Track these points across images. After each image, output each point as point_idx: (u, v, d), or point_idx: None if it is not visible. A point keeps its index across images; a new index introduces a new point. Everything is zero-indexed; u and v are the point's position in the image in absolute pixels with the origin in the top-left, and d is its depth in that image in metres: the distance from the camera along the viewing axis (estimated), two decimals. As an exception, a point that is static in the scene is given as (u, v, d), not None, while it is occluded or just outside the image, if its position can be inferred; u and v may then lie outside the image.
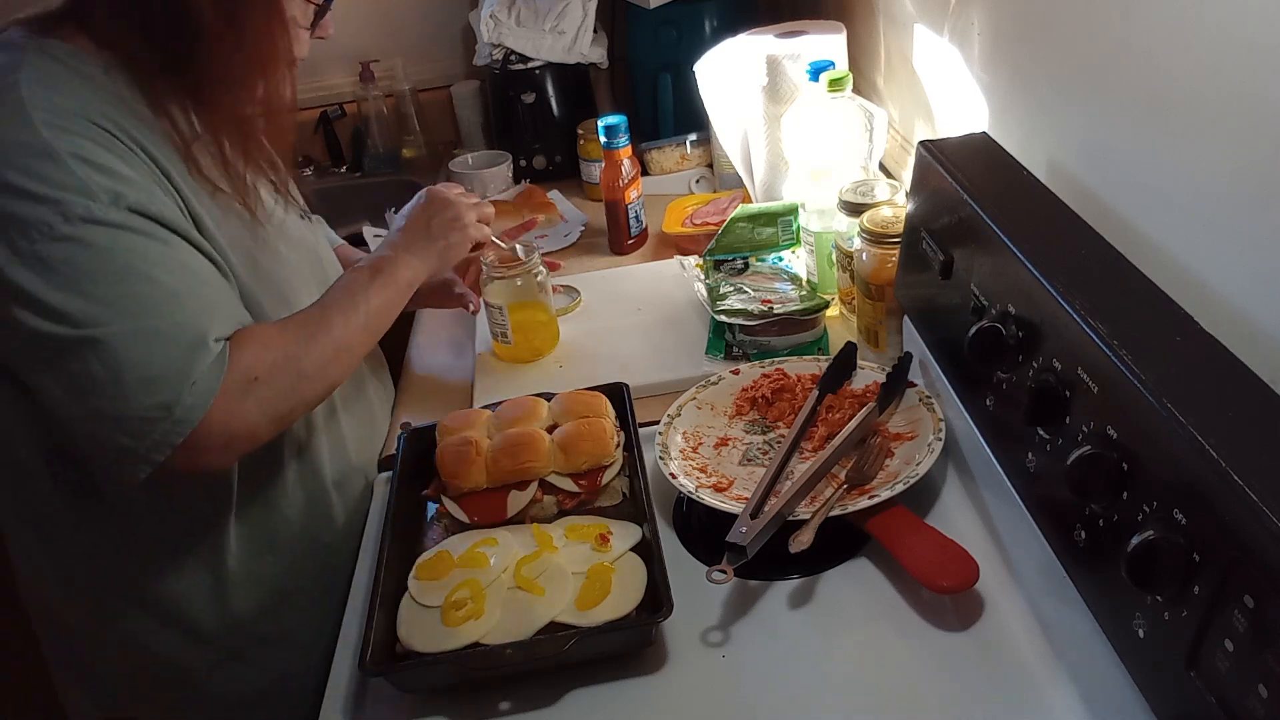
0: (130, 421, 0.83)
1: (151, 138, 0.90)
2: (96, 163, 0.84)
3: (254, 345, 0.90)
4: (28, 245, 0.81)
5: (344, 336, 0.97)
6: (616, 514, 0.98)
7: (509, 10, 1.87)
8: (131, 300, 0.83)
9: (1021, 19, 1.05)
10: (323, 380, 0.96)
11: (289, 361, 0.91)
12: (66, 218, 0.82)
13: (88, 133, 0.85)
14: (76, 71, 0.88)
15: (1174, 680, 0.61)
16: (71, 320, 0.82)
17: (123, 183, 0.85)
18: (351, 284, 1.00)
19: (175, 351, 0.84)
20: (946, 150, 1.00)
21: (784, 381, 1.11)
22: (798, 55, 1.39)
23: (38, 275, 0.81)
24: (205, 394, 0.85)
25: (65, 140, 0.83)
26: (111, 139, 0.86)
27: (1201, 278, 0.77)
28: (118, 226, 0.84)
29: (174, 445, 0.84)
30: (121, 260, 0.84)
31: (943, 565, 0.84)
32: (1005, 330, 0.81)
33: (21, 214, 0.81)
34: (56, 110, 0.84)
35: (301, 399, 0.94)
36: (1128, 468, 0.65)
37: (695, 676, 0.83)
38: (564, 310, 1.41)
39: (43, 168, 0.82)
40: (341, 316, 0.97)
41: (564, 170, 1.93)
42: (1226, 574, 0.56)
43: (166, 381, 0.83)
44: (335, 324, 0.96)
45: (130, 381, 0.82)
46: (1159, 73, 0.80)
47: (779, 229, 1.39)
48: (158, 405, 0.83)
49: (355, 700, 0.87)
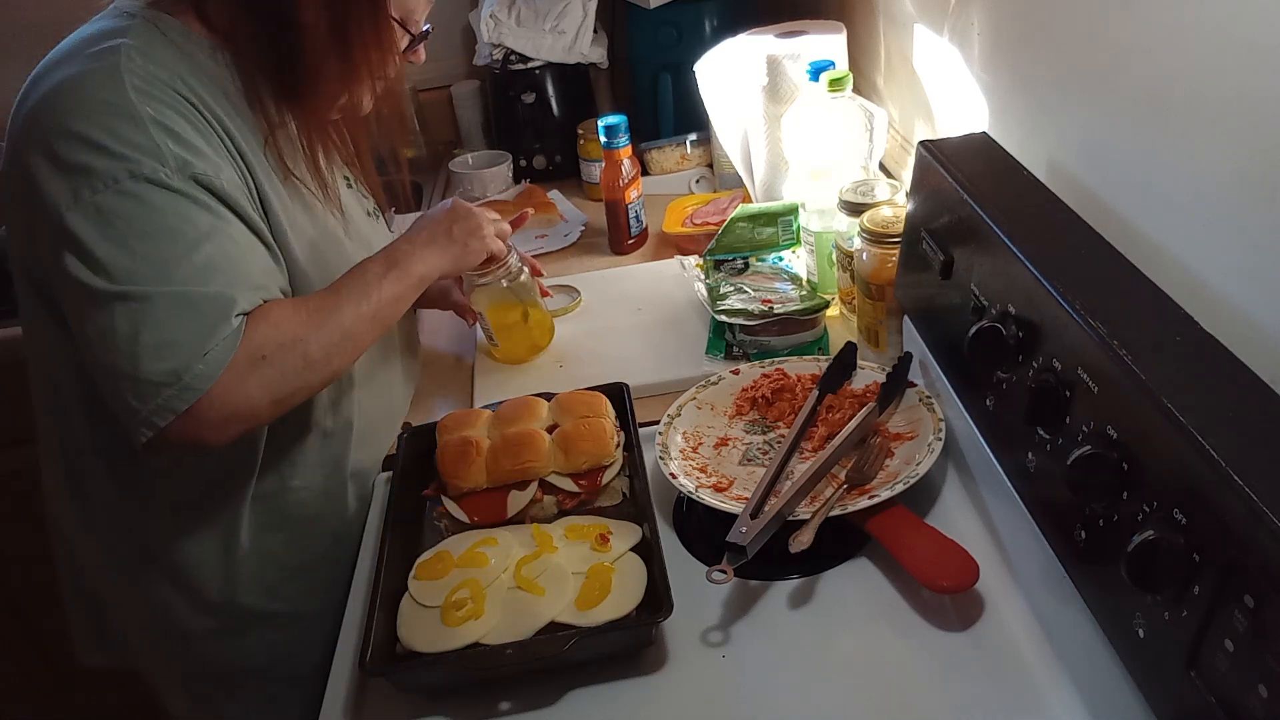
0: (139, 384, 0.85)
1: (235, 118, 0.94)
2: (174, 130, 0.88)
3: (265, 324, 0.90)
4: (89, 195, 0.85)
5: (353, 325, 0.97)
6: (616, 514, 0.98)
7: (509, 10, 1.87)
8: (172, 263, 0.86)
9: (1021, 19, 1.05)
10: (326, 366, 0.96)
11: (297, 344, 0.92)
12: (133, 175, 0.85)
13: (173, 102, 0.89)
14: (179, 48, 0.92)
15: (1174, 680, 0.61)
16: (110, 274, 0.85)
17: (194, 153, 0.89)
18: (365, 273, 1.01)
19: (200, 321, 0.86)
20: (946, 150, 1.00)
21: (784, 381, 1.11)
22: (798, 55, 1.39)
23: (93, 225, 0.85)
24: (216, 365, 0.86)
25: (150, 106, 0.87)
26: (195, 111, 0.91)
27: (1201, 278, 0.77)
28: (177, 192, 0.87)
29: (177, 412, 0.85)
30: (171, 222, 0.87)
31: (943, 565, 0.85)
32: (1005, 330, 0.81)
33: (94, 166, 0.85)
34: (149, 78, 0.88)
35: (304, 383, 0.95)
36: (1128, 468, 0.65)
37: (695, 676, 0.83)
38: (564, 310, 1.41)
39: (123, 127, 0.86)
40: (353, 305, 0.98)
41: (564, 170, 1.93)
42: (1226, 574, 0.56)
43: (182, 348, 0.85)
44: (346, 311, 0.97)
45: (146, 343, 0.84)
46: (1159, 73, 0.80)
47: (779, 229, 1.39)
48: (168, 371, 0.85)
49: (355, 700, 0.87)
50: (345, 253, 1.07)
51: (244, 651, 1.10)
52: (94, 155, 0.85)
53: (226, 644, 1.09)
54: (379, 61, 0.98)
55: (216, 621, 1.07)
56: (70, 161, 0.85)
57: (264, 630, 1.10)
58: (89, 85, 0.87)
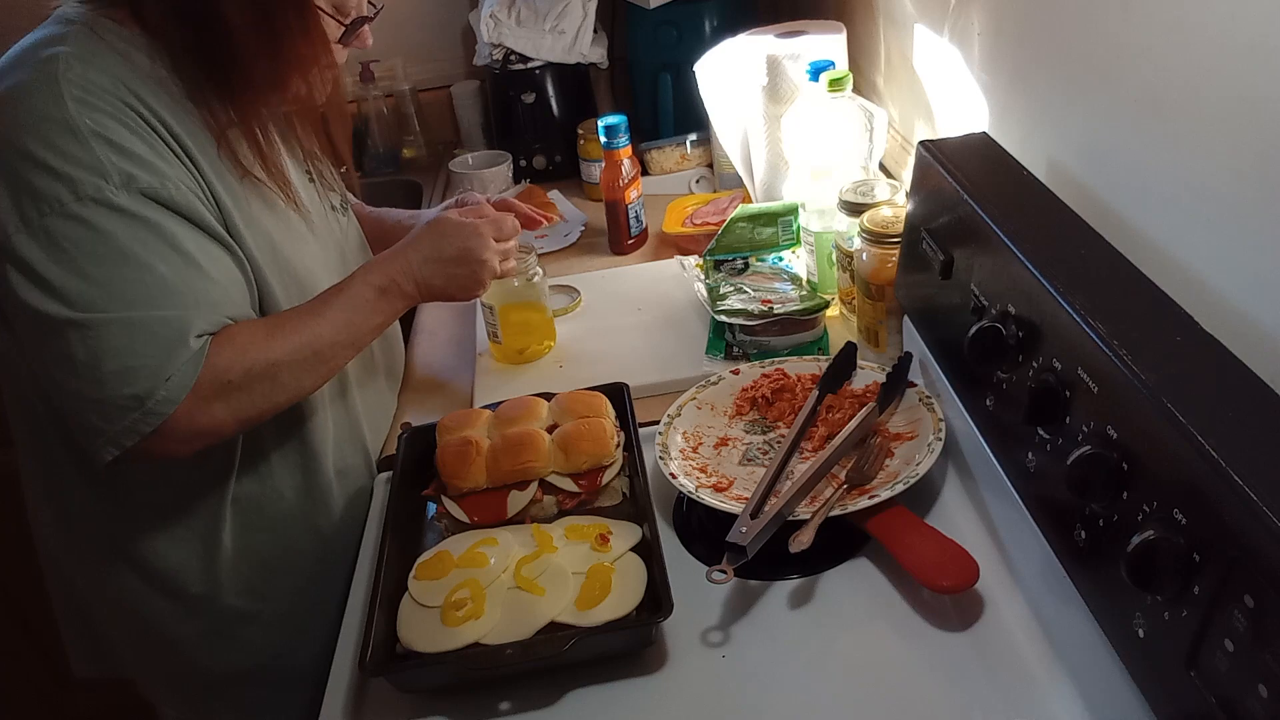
0: (103, 407, 0.85)
1: (185, 121, 0.93)
2: (117, 143, 0.86)
3: (232, 349, 0.90)
4: (37, 217, 0.84)
5: (329, 349, 0.97)
6: (616, 514, 0.98)
7: (509, 10, 1.87)
8: (124, 287, 0.85)
9: (1022, 19, 1.05)
10: (296, 390, 0.96)
11: (266, 368, 0.92)
12: (77, 195, 0.84)
13: (116, 112, 0.87)
14: (121, 53, 0.91)
15: (1174, 680, 0.61)
16: (65, 299, 0.84)
17: (139, 165, 0.87)
18: (352, 294, 1.00)
19: (156, 345, 0.86)
20: (946, 150, 1.00)
21: (784, 381, 1.11)
22: (798, 55, 1.39)
23: (42, 250, 0.84)
24: (178, 390, 0.86)
25: (91, 117, 0.86)
26: (139, 120, 0.89)
27: (1201, 278, 0.77)
28: (124, 211, 0.86)
29: (142, 434, 0.86)
30: (122, 245, 0.86)
31: (943, 565, 0.85)
32: (1005, 330, 0.81)
33: (37, 185, 0.84)
34: (90, 87, 0.87)
35: (272, 404, 0.95)
36: (1128, 468, 0.65)
37: (695, 676, 0.83)
38: (564, 310, 1.41)
39: (64, 142, 0.84)
40: (331, 328, 0.97)
41: (564, 170, 1.93)
42: (1226, 574, 0.56)
43: (143, 373, 0.85)
44: (324, 335, 0.96)
45: (108, 370, 0.85)
46: (1159, 73, 0.80)
47: (779, 229, 1.39)
48: (131, 396, 0.85)
49: (355, 700, 0.87)
50: (309, 250, 1.06)
51: (233, 654, 1.09)
52: (37, 174, 0.84)
53: (214, 647, 1.08)
54: (312, 54, 0.97)
55: (203, 625, 1.06)
56: (13, 180, 0.84)
57: (252, 631, 1.08)
58: (28, 98, 0.86)
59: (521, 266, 1.27)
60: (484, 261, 1.08)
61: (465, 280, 1.08)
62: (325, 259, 1.09)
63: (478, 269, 1.08)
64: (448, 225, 1.07)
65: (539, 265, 1.30)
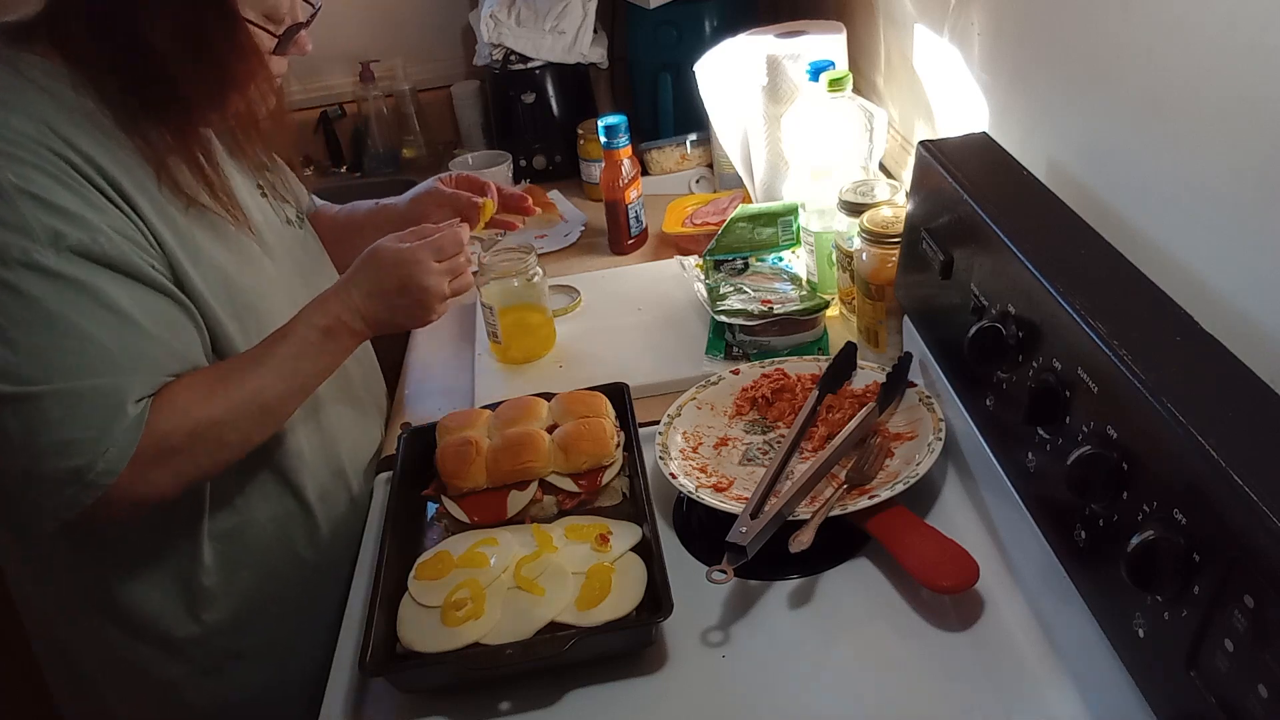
0: (41, 482, 0.83)
1: (120, 158, 0.88)
2: (43, 198, 0.82)
3: (173, 412, 0.87)
4: None
5: (275, 402, 0.93)
6: (616, 514, 0.98)
7: (509, 10, 1.87)
8: (56, 356, 0.82)
9: (1022, 19, 1.05)
10: (244, 445, 0.93)
11: (210, 428, 0.88)
12: (3, 260, 0.80)
13: (42, 163, 0.83)
14: (44, 89, 0.87)
15: (1174, 680, 0.61)
16: None
17: (68, 220, 0.83)
18: (293, 339, 0.94)
19: (94, 415, 0.83)
20: (946, 150, 1.00)
21: (784, 381, 1.11)
22: (798, 55, 1.39)
23: None
24: (118, 460, 0.83)
25: (15, 171, 0.81)
26: (68, 169, 0.84)
27: (1201, 278, 0.77)
28: (53, 273, 0.82)
29: (83, 505, 0.84)
30: (52, 311, 0.82)
31: (943, 565, 0.84)
32: (1005, 330, 0.81)
33: None
34: (12, 137, 0.83)
35: (218, 463, 0.92)
36: (1128, 468, 0.65)
37: (695, 676, 0.83)
38: (564, 310, 1.41)
39: None
40: (276, 378, 0.92)
41: (564, 170, 1.93)
42: (1226, 574, 0.56)
43: (81, 446, 0.82)
44: (268, 386, 0.92)
45: (45, 444, 0.82)
46: (1159, 73, 0.80)
47: (779, 229, 1.38)
48: (69, 470, 0.82)
49: (355, 700, 0.87)
50: (265, 273, 1.02)
51: (224, 690, 1.05)
52: None
53: (204, 686, 1.04)
54: (246, 68, 0.92)
55: (191, 666, 1.03)
56: None
57: (242, 666, 1.05)
58: None
59: (521, 266, 1.27)
60: (427, 289, 0.99)
61: (412, 309, 1.00)
62: (283, 279, 1.05)
63: (422, 296, 0.99)
64: (383, 256, 0.99)
65: (539, 265, 1.30)
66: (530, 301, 1.30)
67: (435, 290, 0.99)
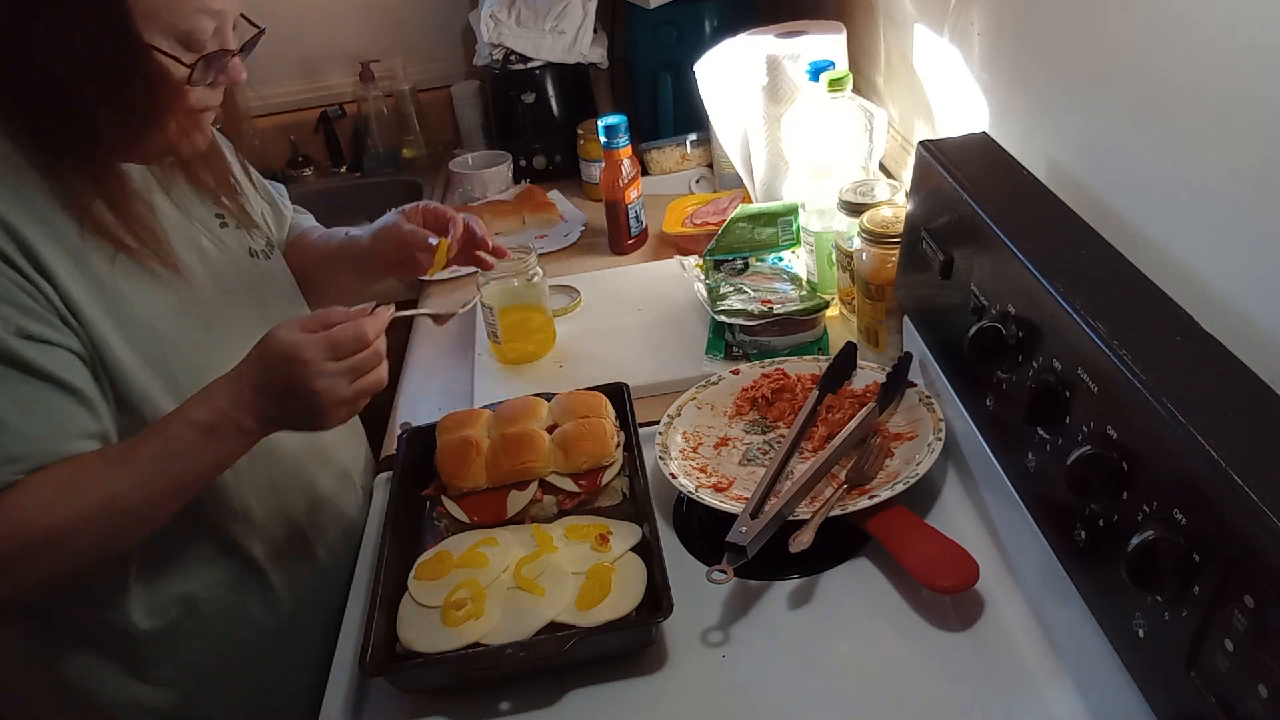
0: None
1: (36, 205, 0.82)
2: None
3: (10, 524, 0.78)
4: None
5: (140, 507, 0.83)
6: (616, 514, 0.98)
7: (509, 10, 1.87)
8: None
9: (1022, 19, 1.05)
10: (100, 552, 0.85)
11: (47, 537, 0.79)
12: None
13: None
14: None
15: (1174, 680, 0.61)
16: None
17: None
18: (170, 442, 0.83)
19: None
20: (946, 150, 1.00)
21: (784, 381, 1.11)
22: (798, 55, 1.39)
23: None
24: None
25: None
26: None
27: (1201, 278, 0.77)
28: None
29: None
30: None
31: (942, 565, 0.84)
32: (1005, 330, 0.81)
33: None
34: None
35: (67, 569, 0.83)
36: (1128, 468, 0.65)
37: (695, 676, 0.83)
38: (564, 310, 1.41)
39: None
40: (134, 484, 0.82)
41: (564, 170, 1.93)
42: (1226, 574, 0.56)
43: None
44: (125, 494, 0.82)
45: None
46: (1159, 73, 0.80)
47: (779, 229, 1.39)
48: None
49: (355, 700, 0.87)
50: (216, 317, 0.95)
51: None
52: None
53: None
54: (157, 100, 0.83)
55: None
56: None
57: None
58: None
59: (521, 267, 1.27)
60: (315, 393, 0.82)
61: (305, 413, 0.84)
62: (237, 321, 0.97)
63: (313, 400, 0.82)
64: (272, 349, 0.83)
65: (539, 265, 1.30)
66: (530, 302, 1.30)
67: (327, 394, 0.82)
